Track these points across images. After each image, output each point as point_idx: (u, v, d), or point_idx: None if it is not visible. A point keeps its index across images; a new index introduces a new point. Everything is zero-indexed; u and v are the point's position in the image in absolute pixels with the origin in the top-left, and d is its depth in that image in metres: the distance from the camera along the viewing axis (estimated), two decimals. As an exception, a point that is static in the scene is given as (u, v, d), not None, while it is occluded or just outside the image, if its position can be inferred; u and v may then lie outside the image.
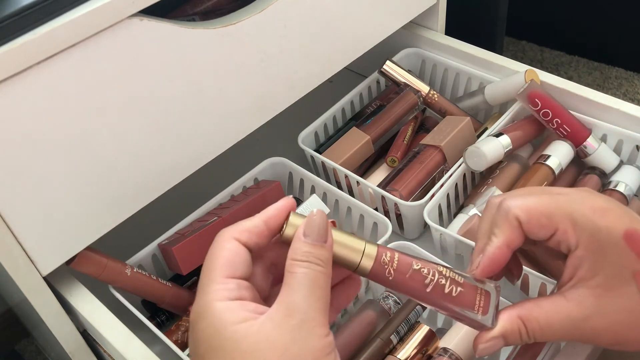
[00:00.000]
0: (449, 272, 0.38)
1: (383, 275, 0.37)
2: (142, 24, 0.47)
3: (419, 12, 0.77)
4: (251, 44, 0.56)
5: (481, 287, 0.39)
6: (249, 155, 0.69)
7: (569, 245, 0.38)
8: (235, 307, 0.33)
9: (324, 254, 0.34)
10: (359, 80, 0.80)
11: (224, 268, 0.35)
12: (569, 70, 1.41)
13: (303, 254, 0.34)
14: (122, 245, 0.59)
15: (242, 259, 0.36)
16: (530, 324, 0.38)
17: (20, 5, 0.41)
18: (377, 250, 0.37)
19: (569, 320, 0.37)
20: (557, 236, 0.38)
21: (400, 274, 0.37)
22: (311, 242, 0.34)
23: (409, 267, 0.37)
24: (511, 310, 0.39)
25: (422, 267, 0.37)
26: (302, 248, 0.34)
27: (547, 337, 0.39)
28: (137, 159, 0.52)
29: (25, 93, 0.43)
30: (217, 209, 0.63)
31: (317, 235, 0.35)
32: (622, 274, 0.37)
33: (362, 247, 0.36)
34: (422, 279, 0.37)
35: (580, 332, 0.38)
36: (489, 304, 0.38)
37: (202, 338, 0.34)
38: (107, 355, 0.57)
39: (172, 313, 0.61)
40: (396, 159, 0.71)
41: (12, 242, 0.47)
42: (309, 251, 0.34)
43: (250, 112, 0.60)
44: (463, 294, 0.38)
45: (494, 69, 0.75)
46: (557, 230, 0.38)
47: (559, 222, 0.38)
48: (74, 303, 0.53)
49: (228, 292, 0.34)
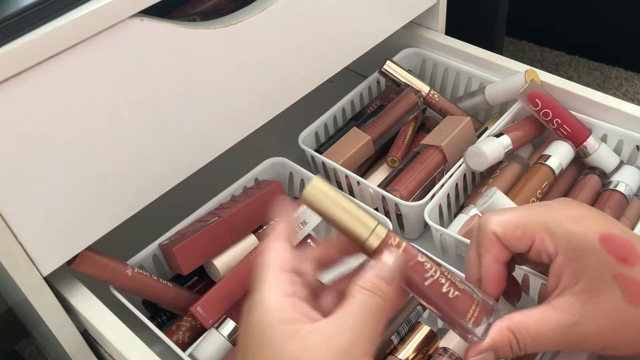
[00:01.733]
0: (452, 275, 0.38)
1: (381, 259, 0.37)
2: (143, 24, 0.47)
3: (419, 12, 0.77)
4: (251, 44, 0.56)
5: (479, 299, 0.39)
6: (249, 155, 0.69)
7: (548, 254, 0.39)
8: (286, 306, 0.34)
9: (389, 290, 0.35)
10: (359, 80, 0.80)
11: (278, 262, 0.35)
12: (569, 70, 1.41)
13: (370, 284, 0.34)
14: (123, 245, 0.59)
15: (290, 255, 0.36)
16: (520, 334, 0.38)
17: (20, 5, 0.41)
18: (387, 233, 0.37)
19: (559, 328, 0.38)
20: (536, 246, 0.39)
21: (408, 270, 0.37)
22: (381, 277, 0.35)
23: (413, 257, 0.37)
24: (500, 322, 0.39)
25: (426, 261, 0.38)
26: (370, 279, 0.35)
27: (538, 347, 0.39)
28: (137, 159, 0.52)
29: (25, 93, 0.43)
30: (217, 209, 0.63)
31: (389, 274, 0.35)
32: (603, 277, 0.37)
33: (373, 225, 0.37)
34: (424, 272, 0.37)
35: (570, 339, 0.38)
36: (482, 317, 0.38)
37: (251, 331, 0.34)
38: (108, 355, 0.57)
39: (173, 313, 0.61)
40: (396, 159, 0.71)
41: (12, 242, 0.47)
42: (377, 284, 0.35)
43: (251, 112, 0.60)
44: (459, 299, 0.38)
45: (494, 69, 0.75)
46: (534, 240, 0.39)
47: (534, 233, 0.39)
48: (75, 303, 0.53)
49: (281, 288, 0.34)
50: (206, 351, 0.54)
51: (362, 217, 0.37)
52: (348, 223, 0.37)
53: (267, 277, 0.35)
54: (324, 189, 0.36)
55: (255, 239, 0.61)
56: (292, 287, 0.35)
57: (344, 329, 0.33)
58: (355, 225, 0.37)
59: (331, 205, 0.37)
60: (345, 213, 0.37)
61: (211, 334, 0.55)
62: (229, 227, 0.59)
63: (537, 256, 0.40)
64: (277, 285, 0.34)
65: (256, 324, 0.34)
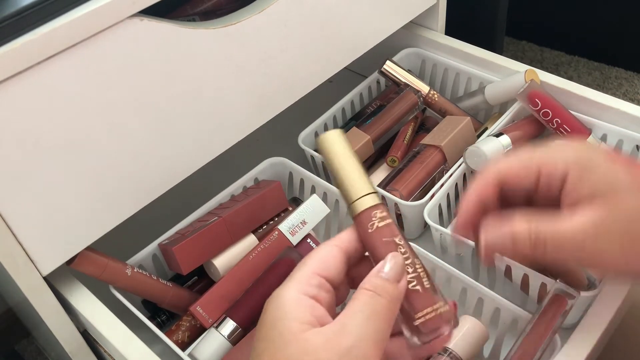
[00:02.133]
0: (423, 272, 0.36)
1: (365, 225, 0.36)
2: (142, 24, 0.47)
3: (419, 12, 0.77)
4: (251, 44, 0.56)
5: (441, 308, 0.36)
6: (249, 155, 0.69)
7: (559, 176, 0.39)
8: (304, 305, 0.33)
9: (393, 291, 0.34)
10: (359, 80, 0.80)
11: (315, 263, 0.35)
12: (569, 70, 1.41)
13: (372, 285, 0.34)
14: (123, 245, 0.59)
15: (336, 262, 0.36)
16: (541, 234, 0.37)
17: (20, 5, 0.41)
18: (377, 204, 0.37)
19: (580, 234, 0.37)
20: (544, 174, 0.39)
21: (379, 234, 0.36)
22: (384, 277, 0.34)
23: (391, 235, 0.36)
24: (520, 217, 0.38)
25: (403, 245, 0.36)
26: (373, 280, 0.34)
27: (556, 252, 0.37)
28: (137, 159, 0.52)
29: (25, 93, 0.43)
30: (217, 208, 0.63)
31: (391, 275, 0.34)
32: (616, 182, 0.37)
33: (367, 191, 0.37)
34: (394, 251, 0.36)
35: (590, 246, 0.37)
36: (435, 324, 0.35)
37: (263, 322, 0.34)
38: (108, 355, 0.57)
39: (173, 313, 0.61)
40: (396, 159, 0.71)
41: (12, 242, 0.47)
42: (379, 284, 0.34)
43: (250, 112, 0.60)
44: (417, 295, 0.35)
45: (494, 69, 0.75)
46: (540, 170, 0.39)
47: (540, 163, 0.39)
48: (74, 303, 0.53)
49: (307, 287, 0.34)
50: (206, 351, 0.54)
51: (362, 181, 0.37)
52: (346, 179, 0.37)
53: (298, 274, 0.35)
54: (341, 141, 0.37)
55: (255, 238, 0.61)
56: (317, 290, 0.34)
57: (344, 331, 0.32)
58: (352, 184, 0.37)
59: (341, 156, 0.37)
60: (349, 169, 0.37)
61: (211, 334, 0.55)
62: (229, 227, 0.59)
63: (546, 186, 0.39)
64: (303, 283, 0.34)
65: (269, 316, 0.34)
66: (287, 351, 0.32)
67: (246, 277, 0.57)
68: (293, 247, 0.60)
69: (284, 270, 0.57)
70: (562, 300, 0.49)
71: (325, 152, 0.38)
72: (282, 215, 0.64)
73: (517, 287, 0.56)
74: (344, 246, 0.36)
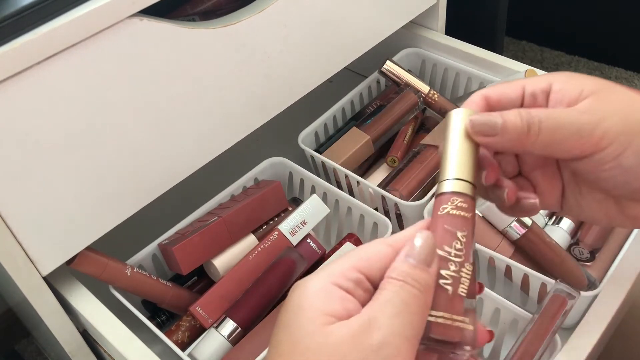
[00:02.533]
0: (467, 281, 0.32)
1: (438, 207, 0.34)
2: (142, 24, 0.47)
3: (419, 12, 0.77)
4: (251, 44, 0.56)
5: (461, 322, 0.31)
6: (249, 155, 0.69)
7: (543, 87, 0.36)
8: (334, 296, 0.30)
9: (424, 277, 0.30)
10: (359, 80, 0.80)
11: (356, 258, 0.31)
12: (569, 70, 1.41)
13: (400, 274, 0.30)
14: (123, 245, 0.59)
15: (383, 262, 0.31)
16: (531, 112, 0.34)
17: (20, 5, 0.41)
18: (464, 194, 0.33)
19: (577, 109, 0.34)
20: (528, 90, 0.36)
21: (445, 220, 0.33)
22: (413, 264, 0.30)
23: (456, 227, 0.33)
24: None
25: (462, 243, 0.32)
26: (400, 267, 0.30)
27: (551, 131, 0.34)
28: (137, 159, 0.52)
29: (25, 93, 0.43)
30: (217, 209, 0.63)
31: (421, 258, 0.31)
32: (601, 82, 0.36)
33: (463, 176, 0.33)
34: (448, 245, 0.32)
35: (587, 122, 0.34)
36: (446, 333, 0.31)
37: (287, 307, 0.31)
38: (108, 355, 0.57)
39: (173, 313, 0.61)
40: (396, 159, 0.71)
41: (12, 242, 0.47)
42: (407, 271, 0.30)
43: (250, 112, 0.60)
44: (444, 294, 0.31)
45: (494, 69, 0.75)
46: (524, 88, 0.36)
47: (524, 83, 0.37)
48: (74, 303, 0.53)
49: (341, 279, 0.30)
50: (205, 351, 0.54)
51: (465, 166, 0.34)
52: (450, 157, 0.34)
53: (333, 265, 0.31)
54: (463, 122, 0.35)
55: (255, 238, 0.61)
56: (353, 286, 0.30)
57: (372, 326, 0.28)
58: (453, 164, 0.34)
59: (460, 136, 0.34)
60: (460, 150, 0.34)
61: (210, 334, 0.55)
62: (229, 227, 0.59)
63: (532, 99, 0.36)
64: (336, 275, 0.30)
65: (292, 304, 0.30)
66: (307, 343, 0.28)
67: (246, 277, 0.57)
68: (293, 247, 0.60)
69: (284, 270, 0.57)
70: (562, 300, 0.49)
71: (449, 126, 0.35)
72: (282, 215, 0.64)
73: (517, 287, 0.56)
74: (397, 246, 0.32)
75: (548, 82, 0.36)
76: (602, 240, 0.61)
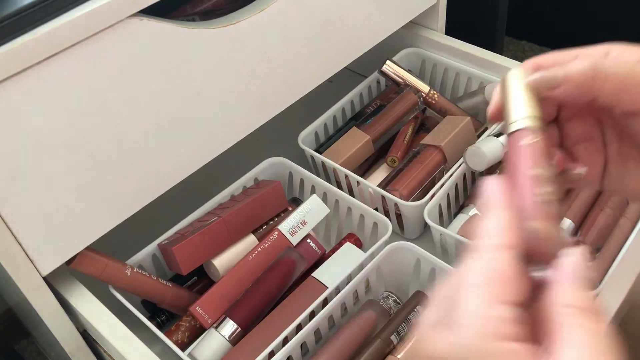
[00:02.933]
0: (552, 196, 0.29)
1: (512, 145, 0.33)
2: (142, 24, 0.47)
3: (419, 12, 0.77)
4: (251, 44, 0.56)
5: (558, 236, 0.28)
6: (249, 155, 0.69)
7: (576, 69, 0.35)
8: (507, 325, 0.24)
9: (598, 308, 0.25)
10: (359, 80, 0.80)
11: (489, 289, 0.25)
12: (569, 70, 1.42)
13: (579, 299, 0.25)
14: (122, 245, 0.59)
15: (518, 273, 0.25)
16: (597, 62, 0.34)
17: (20, 5, 0.41)
18: (531, 129, 0.32)
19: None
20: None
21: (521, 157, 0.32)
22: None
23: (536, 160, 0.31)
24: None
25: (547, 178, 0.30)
26: (576, 293, 0.25)
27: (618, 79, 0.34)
28: (137, 159, 0.52)
29: (25, 93, 0.43)
30: (217, 208, 0.63)
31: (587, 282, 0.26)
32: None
33: (530, 114, 0.33)
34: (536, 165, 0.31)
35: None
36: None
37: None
38: (107, 355, 0.57)
39: (172, 313, 0.61)
40: (396, 159, 0.71)
41: (12, 242, 0.47)
42: (586, 299, 0.25)
43: (250, 112, 0.60)
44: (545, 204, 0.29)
45: (494, 69, 0.75)
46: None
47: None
48: (74, 303, 0.53)
49: (506, 329, 0.24)
50: (205, 351, 0.54)
51: (528, 105, 0.34)
52: (511, 105, 0.35)
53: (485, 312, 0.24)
54: (519, 81, 0.36)
55: (255, 238, 0.61)
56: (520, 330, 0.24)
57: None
58: (515, 107, 0.34)
59: (520, 87, 0.36)
60: (522, 97, 0.35)
61: (210, 334, 0.55)
62: (229, 227, 0.59)
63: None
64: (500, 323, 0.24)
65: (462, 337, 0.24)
66: None
67: (246, 277, 0.57)
68: (293, 247, 0.60)
69: (284, 270, 0.57)
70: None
71: (508, 87, 0.36)
72: (282, 215, 0.64)
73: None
74: (515, 242, 0.26)
75: (606, 49, 0.36)
76: (602, 240, 0.61)
